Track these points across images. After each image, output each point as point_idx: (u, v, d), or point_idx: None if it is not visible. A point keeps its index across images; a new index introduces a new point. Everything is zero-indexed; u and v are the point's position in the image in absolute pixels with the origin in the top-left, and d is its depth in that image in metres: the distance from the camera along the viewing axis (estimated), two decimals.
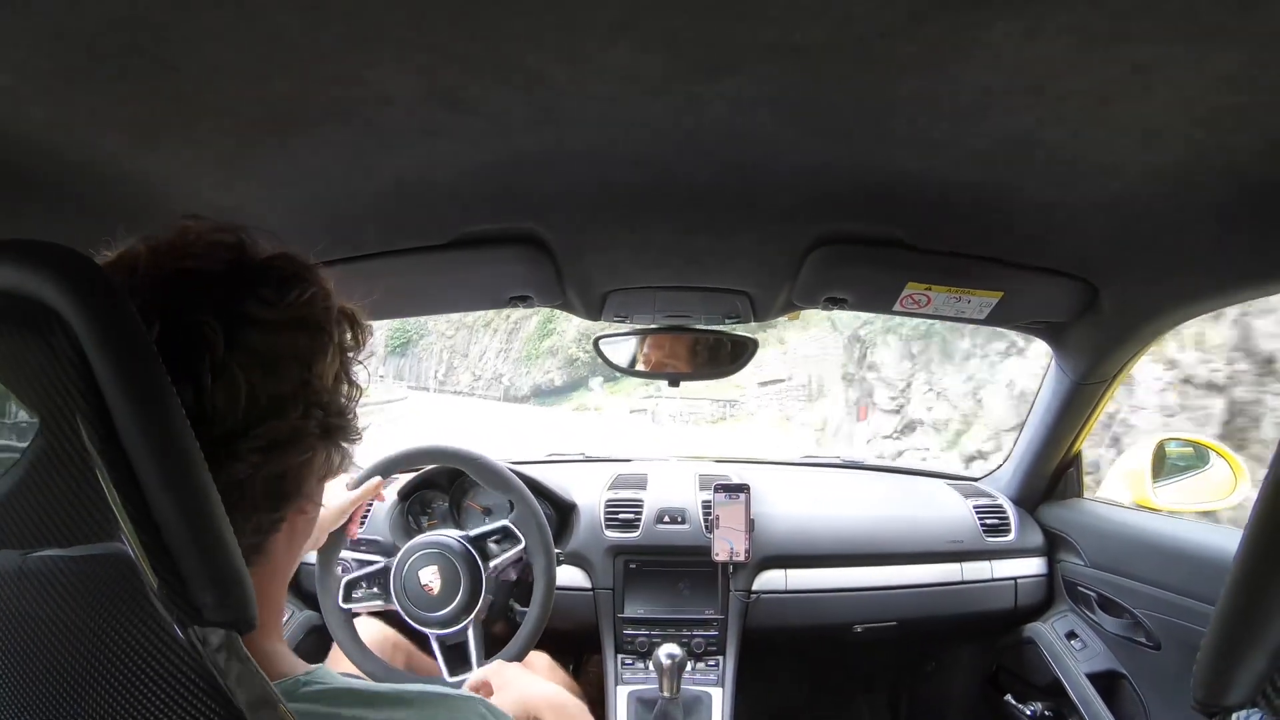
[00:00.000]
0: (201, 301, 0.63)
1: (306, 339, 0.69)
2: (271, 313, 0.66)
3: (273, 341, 0.66)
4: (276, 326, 0.67)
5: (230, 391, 0.62)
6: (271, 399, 0.65)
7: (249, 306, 0.65)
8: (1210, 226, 1.23)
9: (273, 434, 0.65)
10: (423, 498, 2.15)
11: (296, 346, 0.68)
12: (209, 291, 0.64)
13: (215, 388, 0.61)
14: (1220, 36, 0.76)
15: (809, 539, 2.22)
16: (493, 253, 1.50)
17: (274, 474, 0.67)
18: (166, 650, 0.52)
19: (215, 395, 0.61)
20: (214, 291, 0.64)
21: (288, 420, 0.67)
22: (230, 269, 0.67)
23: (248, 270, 0.68)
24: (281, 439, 0.66)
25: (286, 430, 0.67)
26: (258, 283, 0.67)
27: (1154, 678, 1.91)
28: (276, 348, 0.66)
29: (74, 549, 0.52)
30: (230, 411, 0.62)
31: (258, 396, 0.64)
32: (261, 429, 0.64)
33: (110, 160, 1.03)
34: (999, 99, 0.93)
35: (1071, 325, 1.78)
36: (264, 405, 0.64)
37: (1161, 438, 2.12)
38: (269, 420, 0.65)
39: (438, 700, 0.74)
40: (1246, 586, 0.58)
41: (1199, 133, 0.97)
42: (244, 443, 0.63)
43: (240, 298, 0.65)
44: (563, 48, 0.82)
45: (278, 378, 0.66)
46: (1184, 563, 1.80)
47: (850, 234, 1.44)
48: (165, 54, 0.80)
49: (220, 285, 0.65)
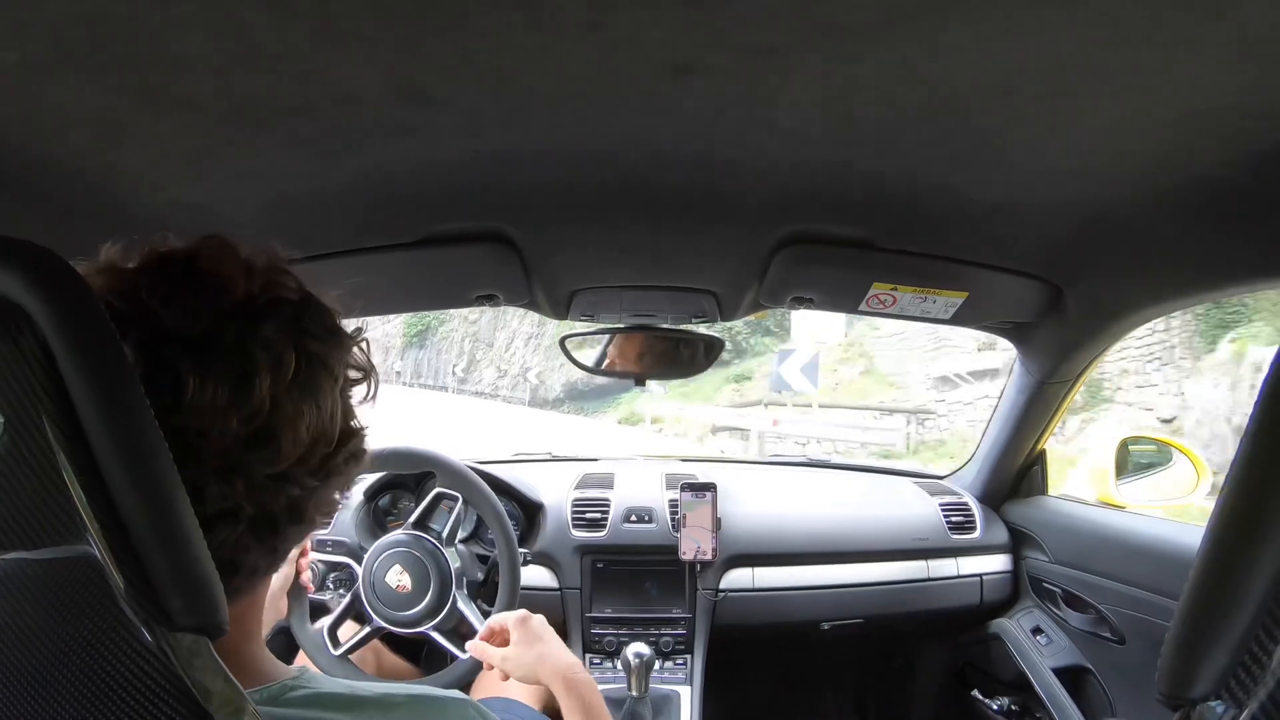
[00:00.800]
0: (303, 329, 0.66)
1: (357, 364, 0.73)
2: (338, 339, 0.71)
3: (344, 367, 0.71)
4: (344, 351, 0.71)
5: (334, 414, 0.67)
6: (345, 418, 0.70)
7: (325, 335, 0.69)
8: (1173, 229, 1.24)
9: (354, 451, 0.71)
10: (389, 498, 2.14)
11: (353, 370, 0.73)
12: (298, 319, 0.67)
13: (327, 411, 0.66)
14: (1184, 42, 0.77)
15: (776, 537, 2.24)
16: (460, 251, 1.49)
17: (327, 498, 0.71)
18: (135, 655, 0.51)
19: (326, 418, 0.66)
20: (301, 319, 0.67)
21: (359, 437, 0.72)
22: (302, 298, 0.69)
23: (309, 298, 0.70)
24: (356, 455, 0.72)
25: (358, 447, 0.72)
26: (320, 311, 0.70)
27: (1119, 671, 1.94)
28: (334, 385, 0.69)
29: (40, 551, 0.51)
30: (331, 431, 0.67)
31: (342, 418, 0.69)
32: (348, 447, 0.70)
33: (75, 156, 1.01)
34: (965, 101, 0.93)
35: (1036, 325, 1.80)
36: (343, 425, 0.69)
37: (1125, 436, 2.14)
38: (351, 439, 0.70)
39: (426, 703, 0.75)
40: (1209, 581, 0.59)
41: (1163, 136, 0.98)
42: (339, 459, 0.68)
43: (316, 326, 0.68)
44: (530, 46, 0.81)
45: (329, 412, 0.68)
46: (1147, 558, 1.82)
47: (817, 234, 1.44)
48: (131, 49, 0.78)
49: (302, 313, 0.68)
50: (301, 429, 0.63)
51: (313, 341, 0.66)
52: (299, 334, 0.65)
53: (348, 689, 0.72)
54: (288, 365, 0.62)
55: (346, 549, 1.91)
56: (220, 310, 0.63)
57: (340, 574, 1.84)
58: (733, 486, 2.32)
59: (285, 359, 0.62)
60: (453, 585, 1.74)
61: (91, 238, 1.06)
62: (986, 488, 2.38)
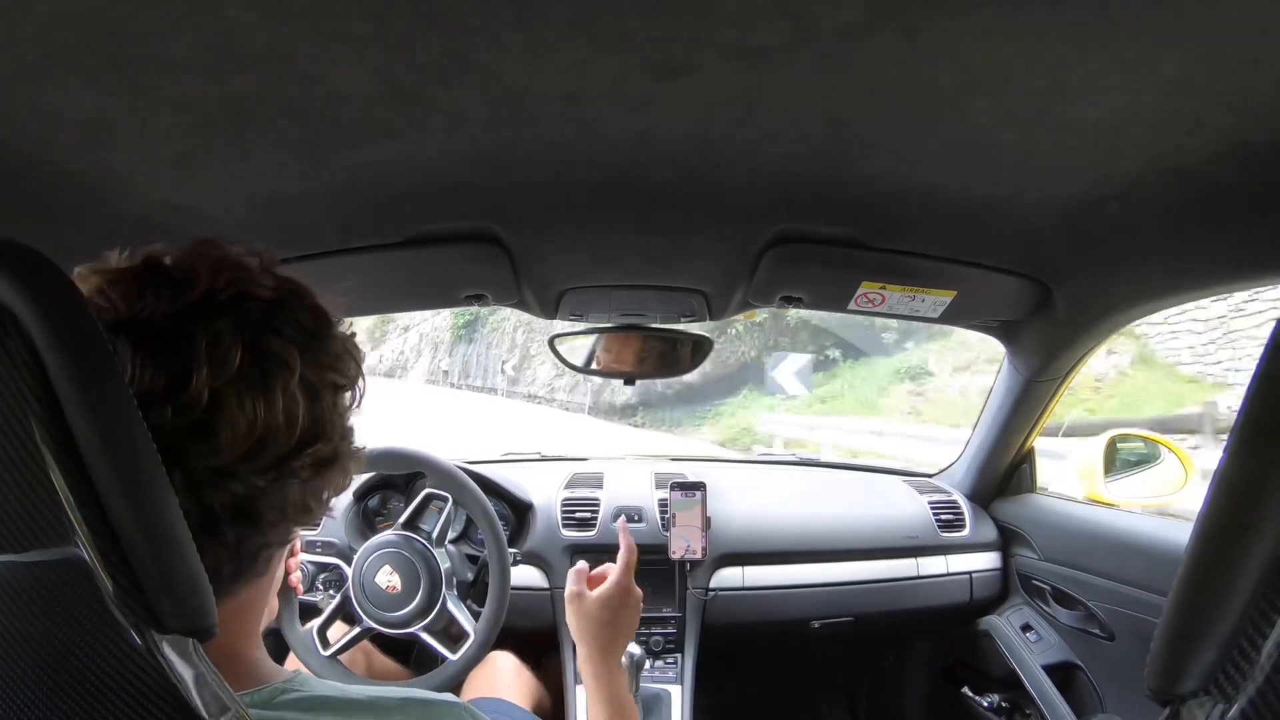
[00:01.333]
0: (265, 326, 0.66)
1: (340, 366, 0.73)
2: (314, 340, 0.70)
3: (317, 367, 0.69)
4: (320, 353, 0.70)
5: (290, 413, 0.66)
6: (314, 421, 0.69)
7: (295, 333, 0.68)
8: (1161, 227, 1.24)
9: (319, 454, 0.69)
10: (378, 498, 2.13)
11: (333, 373, 0.72)
12: (266, 316, 0.67)
13: (280, 409, 0.65)
14: (1170, 40, 0.77)
15: (765, 536, 2.24)
16: (449, 251, 1.49)
17: (313, 491, 0.72)
18: (124, 657, 0.51)
19: (279, 416, 0.65)
20: (270, 316, 0.67)
21: (330, 442, 0.71)
22: (276, 296, 0.69)
23: (288, 297, 0.71)
24: (325, 459, 0.71)
25: (328, 451, 0.71)
26: (298, 310, 0.71)
27: (1108, 668, 1.95)
28: (320, 373, 0.70)
29: (29, 554, 0.50)
30: (289, 432, 0.66)
31: (306, 419, 0.67)
32: (311, 449, 0.68)
33: (65, 157, 1.00)
34: (954, 100, 0.93)
35: (1024, 324, 1.80)
36: (309, 427, 0.68)
37: (1113, 434, 2.15)
38: (317, 441, 0.69)
39: (419, 706, 0.75)
40: (1197, 578, 0.59)
41: (1149, 135, 0.99)
42: (297, 461, 0.67)
43: (288, 324, 0.68)
44: (519, 46, 0.81)
45: (319, 401, 0.69)
46: (1136, 555, 1.83)
47: (806, 233, 1.44)
48: (121, 49, 0.78)
49: (273, 311, 0.68)
50: (242, 424, 0.62)
51: (274, 339, 0.66)
52: (258, 330, 0.65)
53: (340, 692, 0.72)
54: (232, 359, 0.62)
55: (336, 550, 1.91)
56: (178, 304, 0.64)
57: (330, 575, 1.83)
58: (722, 485, 2.32)
59: (231, 353, 0.62)
60: (443, 586, 1.74)
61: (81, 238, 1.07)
62: (975, 485, 2.39)
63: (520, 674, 1.96)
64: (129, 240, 0.70)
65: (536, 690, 1.97)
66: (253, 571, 0.72)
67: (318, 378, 0.69)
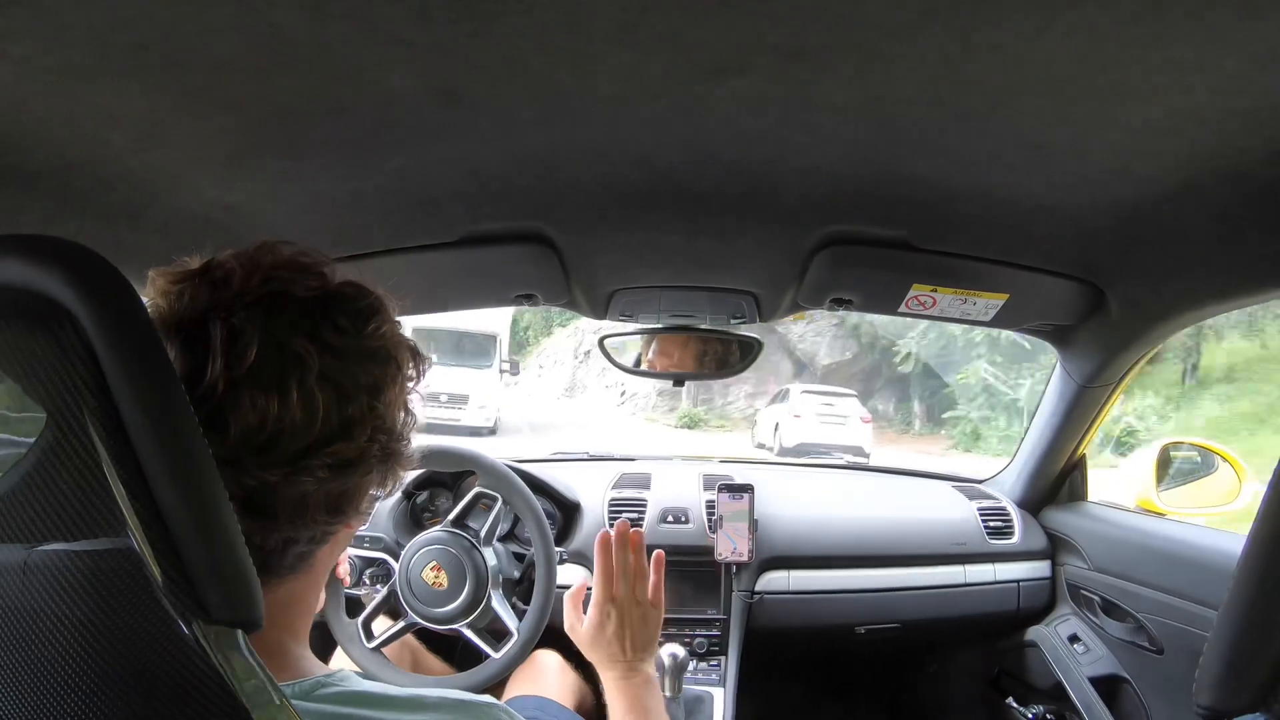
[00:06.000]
0: (295, 324, 0.68)
1: (378, 368, 0.73)
2: (351, 341, 0.71)
3: (350, 368, 0.70)
4: (355, 354, 0.71)
5: (309, 411, 0.66)
6: (342, 421, 0.69)
7: (330, 333, 0.69)
8: (1216, 229, 1.22)
9: (341, 454, 0.69)
10: (427, 495, 2.15)
11: (370, 375, 0.72)
12: (300, 316, 0.68)
13: (297, 406, 0.66)
14: (1226, 40, 0.76)
15: (812, 540, 2.22)
16: (499, 251, 1.50)
17: (336, 491, 0.72)
18: (172, 646, 0.52)
19: (296, 413, 0.66)
20: (304, 316, 0.69)
21: (355, 443, 0.70)
22: (316, 296, 0.71)
23: (330, 298, 0.72)
24: (348, 459, 0.70)
25: (353, 452, 0.71)
26: (338, 311, 0.71)
27: (1156, 682, 1.91)
28: (352, 374, 0.70)
29: (80, 543, 0.52)
30: (307, 430, 0.66)
31: (331, 418, 0.68)
32: (331, 448, 0.68)
33: (114, 157, 1.03)
34: (1006, 100, 0.93)
35: (1077, 328, 1.78)
36: (335, 426, 0.68)
37: (1166, 441, 2.11)
38: (338, 441, 0.69)
39: (456, 706, 0.76)
40: (1251, 592, 0.58)
41: (1205, 136, 0.97)
42: (315, 459, 0.67)
43: (324, 324, 0.69)
44: (567, 48, 0.82)
45: (350, 402, 0.70)
46: (1188, 567, 1.79)
47: (856, 235, 1.44)
48: (171, 50, 0.80)
49: (309, 310, 0.69)
50: (253, 418, 0.64)
51: (296, 337, 0.67)
52: (281, 328, 0.66)
53: (379, 689, 0.73)
54: (248, 354, 0.64)
55: (384, 545, 1.93)
56: (212, 301, 0.66)
57: (377, 569, 1.85)
58: (770, 488, 2.30)
59: (249, 347, 0.64)
60: (488, 584, 1.75)
61: (132, 237, 1.09)
62: (1025, 492, 2.35)
63: (565, 673, 1.96)
64: (181, 239, 0.72)
65: (580, 689, 1.97)
66: (281, 566, 0.73)
67: (348, 378, 0.70)
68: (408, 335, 0.80)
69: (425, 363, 0.82)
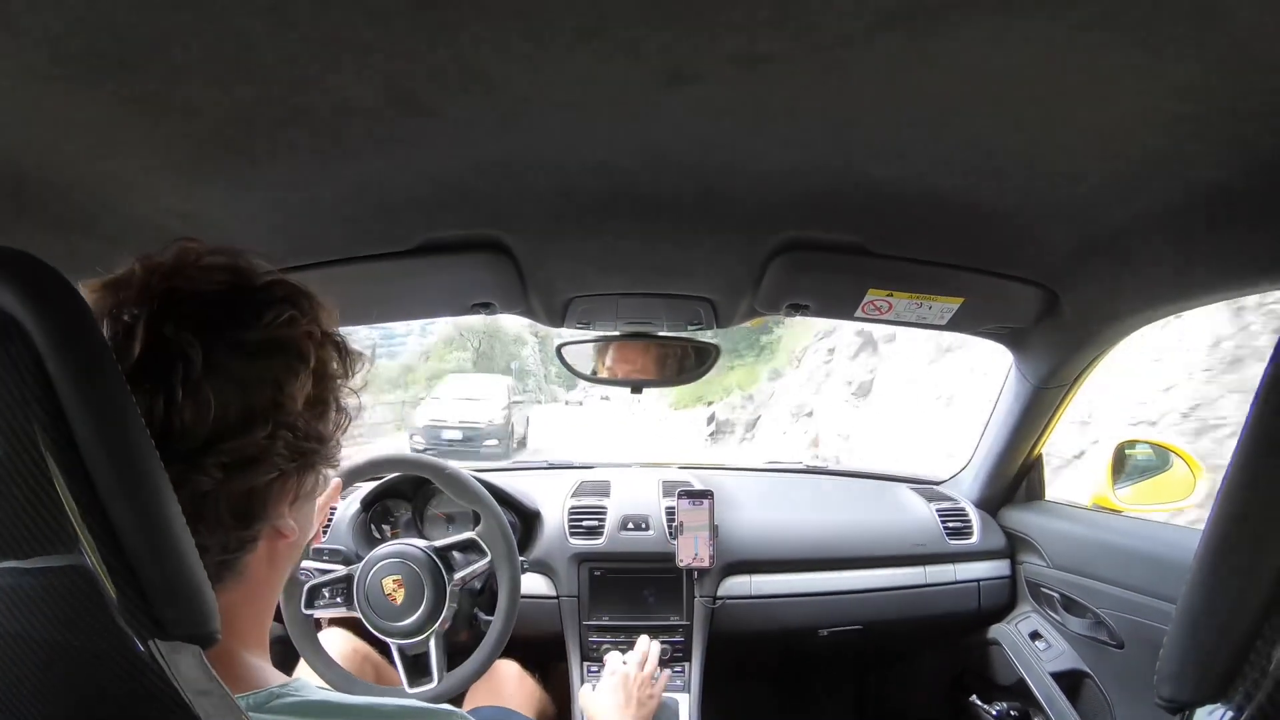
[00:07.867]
0: (186, 320, 0.65)
1: (280, 361, 0.70)
2: (248, 334, 0.68)
3: (246, 362, 0.68)
4: (252, 347, 0.68)
5: (198, 408, 0.64)
6: (240, 417, 0.67)
7: (228, 327, 0.67)
8: (1169, 233, 1.24)
9: (237, 451, 0.67)
10: (385, 506, 2.13)
11: (270, 368, 0.69)
12: (195, 311, 0.66)
13: (184, 404, 0.63)
14: (1178, 47, 0.77)
15: (773, 544, 2.23)
16: (456, 259, 1.49)
17: (239, 491, 0.68)
18: (127, 663, 0.52)
19: (184, 411, 0.63)
20: (199, 312, 0.66)
21: (254, 439, 0.68)
22: (221, 291, 0.69)
23: (238, 293, 0.70)
24: (246, 457, 0.68)
25: (252, 448, 0.68)
26: (242, 305, 0.69)
27: (1118, 676, 1.93)
28: (250, 368, 0.68)
29: (32, 560, 0.51)
30: (197, 427, 0.64)
31: (227, 414, 0.65)
32: (226, 445, 0.66)
33: (67, 164, 1.00)
34: (959, 107, 0.93)
35: (1031, 331, 1.80)
36: (232, 423, 0.66)
37: (1122, 440, 2.14)
38: (235, 437, 0.66)
39: (415, 714, 0.75)
40: (1206, 585, 0.59)
41: (1158, 141, 0.98)
42: (208, 457, 0.65)
43: (222, 318, 0.67)
44: (525, 55, 0.81)
45: (248, 397, 0.67)
46: (1145, 562, 1.82)
47: (812, 241, 1.44)
48: (126, 56, 0.78)
49: (207, 306, 0.67)
50: None
51: (184, 333, 0.64)
52: (171, 324, 0.65)
53: (336, 698, 0.72)
54: (133, 350, 0.63)
55: (343, 556, 1.90)
56: (113, 302, 0.66)
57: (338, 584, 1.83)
58: (730, 493, 2.32)
59: (134, 344, 0.63)
60: (448, 595, 1.73)
61: (86, 246, 1.07)
62: (984, 493, 2.38)
63: (524, 682, 1.96)
64: (136, 247, 0.70)
65: (540, 698, 1.97)
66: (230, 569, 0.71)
67: (248, 372, 0.68)
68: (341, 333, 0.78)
69: (355, 358, 0.79)
